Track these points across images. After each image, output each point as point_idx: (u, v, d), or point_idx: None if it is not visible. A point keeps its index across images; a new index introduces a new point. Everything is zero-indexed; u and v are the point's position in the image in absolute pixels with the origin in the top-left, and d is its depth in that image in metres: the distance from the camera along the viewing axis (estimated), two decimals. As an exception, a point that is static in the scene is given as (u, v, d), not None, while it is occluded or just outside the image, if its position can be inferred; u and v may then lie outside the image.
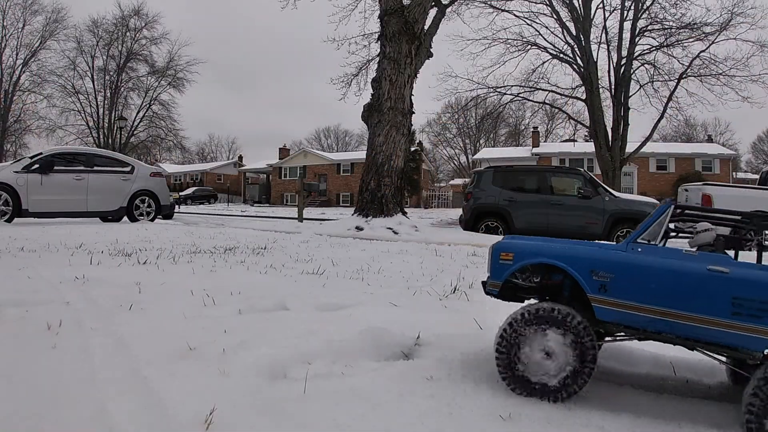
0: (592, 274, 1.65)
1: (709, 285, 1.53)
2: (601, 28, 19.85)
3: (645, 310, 1.59)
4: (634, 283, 1.61)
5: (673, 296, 1.56)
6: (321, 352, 2.01)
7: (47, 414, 1.37)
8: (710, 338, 1.54)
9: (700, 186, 9.31)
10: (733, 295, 1.50)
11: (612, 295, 1.63)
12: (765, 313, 1.46)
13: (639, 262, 1.63)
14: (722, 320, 1.51)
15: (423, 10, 10.69)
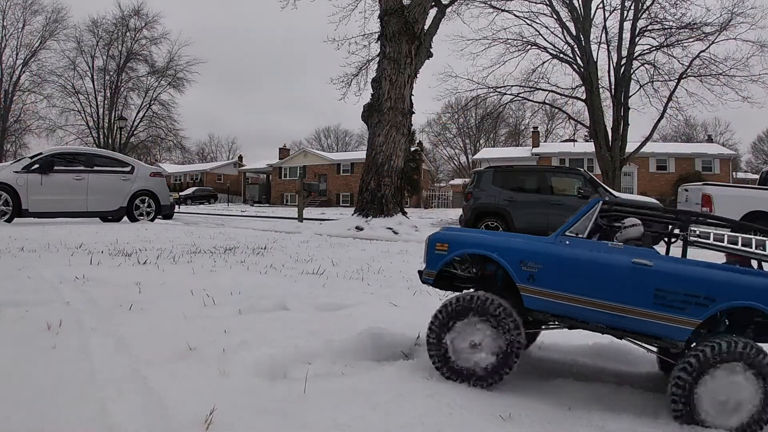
0: (521, 264, 1.73)
1: (632, 277, 1.59)
2: (601, 28, 19.85)
3: (570, 300, 1.65)
4: (560, 273, 1.67)
5: (598, 287, 1.62)
6: (321, 352, 2.01)
7: (47, 414, 1.37)
8: (634, 327, 1.61)
9: (700, 186, 9.31)
10: (656, 287, 1.57)
11: (539, 284, 1.70)
12: (686, 305, 1.53)
13: (565, 254, 1.70)
14: (645, 310, 1.57)
15: (423, 10, 10.69)
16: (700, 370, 1.48)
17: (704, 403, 1.48)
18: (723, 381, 1.46)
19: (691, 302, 1.54)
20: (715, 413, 1.47)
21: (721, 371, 1.46)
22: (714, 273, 1.58)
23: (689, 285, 1.55)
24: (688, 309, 1.54)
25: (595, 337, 2.35)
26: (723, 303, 1.53)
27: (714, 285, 1.54)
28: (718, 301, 1.53)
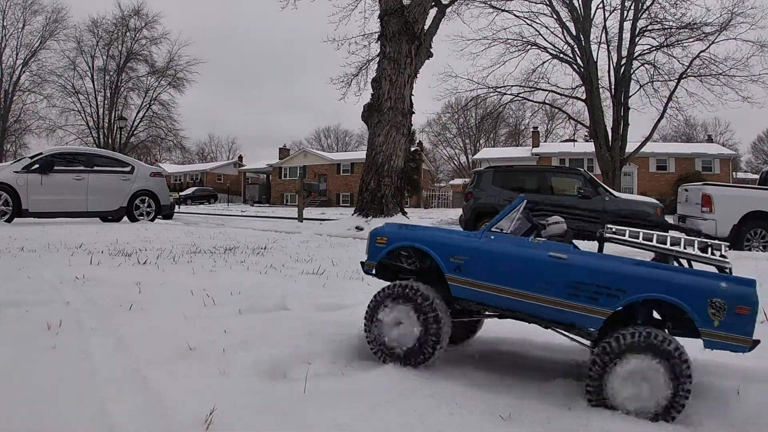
0: (450, 257, 1.86)
1: (548, 269, 1.70)
2: (601, 28, 19.85)
3: (493, 289, 1.78)
4: (484, 265, 1.80)
5: (517, 278, 1.74)
6: (321, 352, 2.01)
7: (47, 414, 1.37)
8: (552, 316, 1.72)
9: (700, 186, 9.30)
10: (570, 279, 1.67)
11: (465, 275, 1.82)
12: (598, 296, 1.63)
13: (489, 247, 1.83)
14: (560, 300, 1.68)
15: (423, 10, 10.69)
16: (609, 359, 1.57)
17: (614, 389, 1.56)
18: (630, 368, 1.53)
19: (602, 293, 1.63)
20: (624, 399, 1.55)
21: (628, 359, 1.54)
22: (625, 267, 1.66)
23: (600, 278, 1.64)
24: (600, 300, 1.63)
25: (595, 337, 2.35)
26: (633, 295, 1.61)
27: (624, 278, 1.62)
28: (628, 293, 1.61)
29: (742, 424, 1.61)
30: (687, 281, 1.60)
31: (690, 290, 1.58)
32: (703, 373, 1.95)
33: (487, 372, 1.98)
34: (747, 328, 1.54)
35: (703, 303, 1.55)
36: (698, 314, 1.55)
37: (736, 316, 1.53)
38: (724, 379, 1.89)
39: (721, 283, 1.58)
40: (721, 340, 1.55)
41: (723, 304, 1.54)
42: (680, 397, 1.51)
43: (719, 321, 1.54)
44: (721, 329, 1.55)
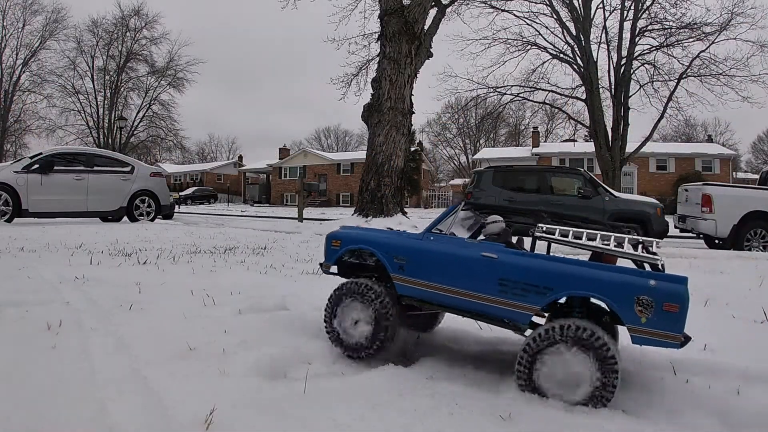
0: (394, 257, 1.98)
1: (480, 268, 1.79)
2: (601, 28, 19.86)
3: (432, 287, 1.89)
4: (423, 264, 1.91)
5: (453, 276, 1.84)
6: (321, 352, 2.01)
7: (47, 414, 1.37)
8: (486, 312, 1.80)
9: (700, 186, 9.30)
10: (500, 277, 1.75)
11: (407, 274, 1.94)
12: (526, 293, 1.70)
13: (427, 248, 1.93)
14: (492, 297, 1.76)
15: (423, 10, 10.69)
16: (537, 349, 1.64)
17: (542, 377, 1.64)
18: (557, 359, 1.61)
19: (530, 291, 1.71)
20: (551, 386, 1.62)
21: (555, 350, 1.61)
22: (553, 266, 1.72)
23: (529, 276, 1.71)
24: (528, 297, 1.71)
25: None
26: (560, 292, 1.68)
27: (551, 276, 1.69)
28: (555, 291, 1.68)
29: (743, 424, 1.61)
30: (614, 279, 1.63)
31: (616, 288, 1.61)
32: (702, 373, 1.95)
33: (487, 372, 1.98)
34: (676, 325, 1.56)
35: (630, 300, 1.58)
36: (624, 311, 1.59)
37: (663, 313, 1.55)
38: (724, 379, 1.89)
39: (650, 281, 1.60)
40: (649, 336, 1.58)
41: (650, 302, 1.56)
42: (605, 388, 1.57)
43: (646, 318, 1.57)
44: (649, 326, 1.57)
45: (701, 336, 2.34)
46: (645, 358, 2.12)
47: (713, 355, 2.13)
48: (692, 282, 4.09)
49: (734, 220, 8.56)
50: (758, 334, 2.49)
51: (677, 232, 10.40)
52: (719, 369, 1.99)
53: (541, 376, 1.64)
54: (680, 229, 10.07)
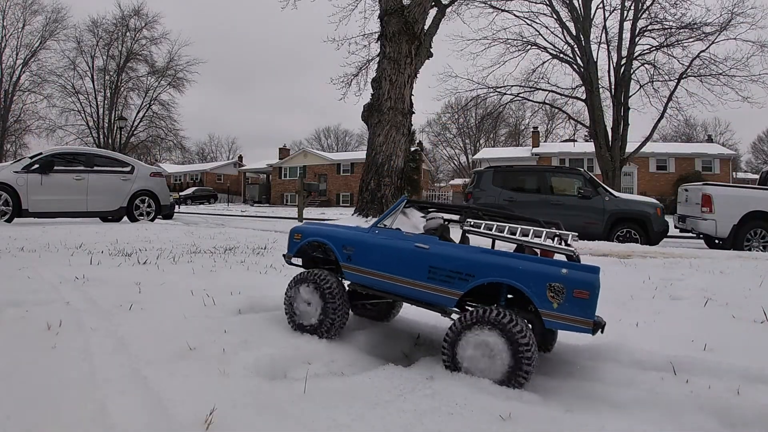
0: (343, 248, 2.19)
1: (414, 257, 1.97)
2: (601, 28, 19.87)
3: (372, 274, 2.08)
4: (366, 254, 2.11)
5: (391, 265, 2.03)
6: (321, 352, 2.01)
7: (47, 414, 1.37)
8: (419, 297, 1.97)
9: (700, 186, 9.30)
10: (430, 265, 1.92)
11: (354, 263, 2.15)
12: (451, 279, 1.87)
13: (371, 240, 2.14)
14: (423, 283, 1.94)
15: (423, 10, 10.69)
16: (460, 330, 1.79)
17: (463, 356, 1.78)
18: (476, 340, 1.75)
19: (454, 277, 1.87)
20: (470, 365, 1.77)
21: (475, 332, 1.76)
22: (475, 255, 1.89)
23: (454, 264, 1.88)
24: (453, 283, 1.88)
25: (594, 338, 2.35)
26: (480, 279, 1.84)
27: (473, 264, 1.85)
28: (476, 277, 1.84)
29: (743, 424, 1.61)
30: (529, 267, 1.77)
31: (530, 275, 1.74)
32: (702, 373, 1.95)
33: (487, 372, 1.98)
34: (586, 310, 1.67)
35: (542, 287, 1.71)
36: (537, 297, 1.72)
37: (574, 299, 1.67)
38: (724, 379, 1.89)
39: (562, 269, 1.72)
40: (561, 321, 1.70)
41: (562, 288, 1.68)
42: (520, 370, 1.70)
43: (558, 303, 1.68)
44: (560, 311, 1.69)
45: (701, 336, 2.34)
46: (645, 359, 2.12)
47: (713, 355, 2.13)
48: (692, 282, 4.09)
49: (734, 220, 8.56)
50: (758, 334, 2.49)
51: (677, 232, 10.40)
52: (719, 369, 1.99)
53: (462, 356, 1.78)
54: (680, 229, 10.07)
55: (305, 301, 2.18)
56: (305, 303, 2.18)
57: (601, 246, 7.81)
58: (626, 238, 9.21)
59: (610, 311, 2.94)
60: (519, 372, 1.70)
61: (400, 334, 2.37)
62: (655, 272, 4.55)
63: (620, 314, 2.84)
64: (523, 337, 1.69)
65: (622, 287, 3.71)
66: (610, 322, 2.68)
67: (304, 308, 2.19)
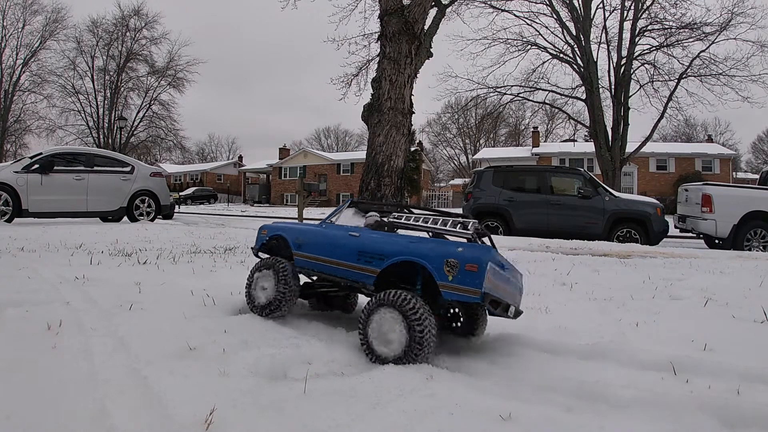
0: (296, 239, 2.53)
1: (347, 243, 2.30)
2: (601, 28, 19.88)
3: (316, 259, 2.41)
4: (312, 243, 2.45)
5: (330, 250, 2.36)
6: (321, 352, 2.01)
7: (47, 414, 1.37)
8: (350, 276, 2.26)
9: (700, 186, 9.30)
10: (359, 249, 2.23)
11: (302, 250, 2.48)
12: (372, 260, 2.17)
13: (318, 231, 2.49)
14: (354, 264, 2.24)
15: (423, 10, 10.69)
16: (371, 311, 2.02)
17: (373, 334, 1.98)
18: (381, 318, 1.98)
19: (374, 258, 2.17)
20: (376, 342, 1.98)
21: (383, 311, 1.98)
22: (390, 239, 2.21)
23: (375, 247, 2.19)
24: (373, 263, 2.17)
25: (595, 338, 2.35)
26: (392, 258, 2.11)
27: (386, 247, 2.16)
28: (389, 257, 2.12)
29: (743, 424, 1.61)
30: (431, 247, 2.04)
31: (432, 254, 2.01)
32: (702, 373, 1.95)
33: (488, 372, 1.98)
34: (475, 281, 1.89)
35: (441, 262, 1.97)
36: (437, 271, 1.97)
37: (466, 272, 1.91)
38: (724, 379, 1.89)
39: (458, 248, 1.97)
40: (455, 291, 1.93)
41: (456, 263, 1.93)
42: (412, 347, 1.91)
43: (452, 276, 1.93)
44: (454, 282, 1.93)
45: (701, 336, 2.34)
46: (645, 358, 2.12)
47: (713, 355, 2.13)
48: (692, 282, 4.09)
49: (734, 220, 8.57)
50: (758, 334, 2.49)
51: (677, 232, 10.40)
52: (719, 369, 1.99)
53: (371, 333, 2.00)
54: (680, 229, 10.07)
55: (261, 284, 2.49)
56: (261, 287, 2.49)
57: (601, 246, 7.81)
58: (626, 238, 9.21)
59: (611, 311, 2.94)
60: (412, 349, 1.91)
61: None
62: (655, 272, 4.55)
63: (620, 314, 2.84)
64: (414, 314, 1.92)
65: (622, 287, 3.71)
66: (610, 322, 2.69)
67: (259, 290, 2.50)
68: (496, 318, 2.66)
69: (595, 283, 3.91)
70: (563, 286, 3.76)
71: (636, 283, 3.91)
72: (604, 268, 4.83)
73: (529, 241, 8.07)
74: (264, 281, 2.47)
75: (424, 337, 1.90)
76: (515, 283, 2.20)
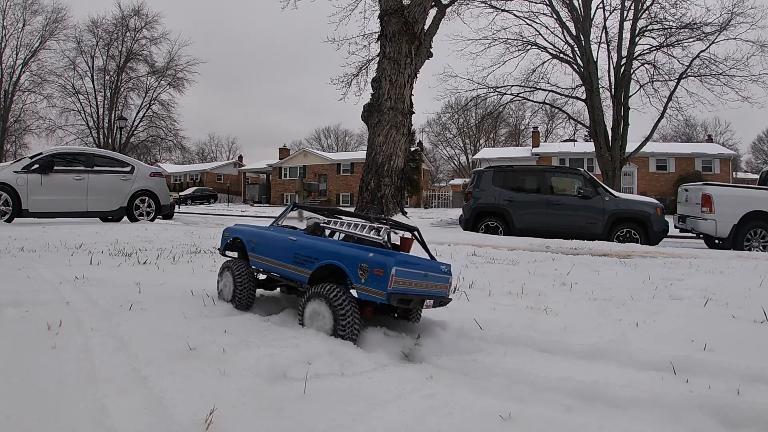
0: (249, 241, 2.78)
1: (287, 247, 2.51)
2: (601, 28, 19.88)
3: (264, 260, 2.66)
4: (262, 245, 2.69)
5: (274, 252, 2.59)
6: (321, 352, 2.01)
7: (47, 414, 1.37)
8: (290, 276, 2.49)
9: (700, 186, 9.30)
10: (295, 252, 2.45)
11: (254, 252, 2.72)
12: (306, 262, 2.38)
13: (266, 234, 2.72)
14: (291, 266, 2.46)
15: (423, 10, 10.70)
16: (307, 300, 2.28)
17: (307, 318, 2.27)
18: (315, 306, 2.25)
19: (307, 261, 2.38)
20: (310, 323, 2.26)
21: (314, 301, 2.25)
22: (320, 244, 2.40)
23: (308, 251, 2.40)
24: (307, 264, 2.38)
25: (594, 338, 2.35)
26: (320, 261, 2.32)
27: (317, 251, 2.36)
28: (319, 260, 2.33)
29: (743, 424, 1.61)
30: (350, 252, 2.23)
31: (350, 258, 2.21)
32: (702, 373, 1.95)
33: (488, 372, 1.98)
34: (381, 284, 2.09)
35: (355, 266, 2.17)
36: (352, 274, 2.18)
37: (374, 276, 2.11)
38: (724, 379, 1.89)
39: (370, 254, 2.16)
40: (366, 292, 2.14)
41: (368, 267, 2.13)
42: (336, 327, 2.16)
43: (365, 279, 2.13)
44: (365, 284, 2.13)
45: (701, 336, 2.34)
46: (645, 358, 2.12)
47: (713, 355, 2.13)
48: (692, 282, 4.09)
49: (734, 220, 8.57)
50: (758, 334, 2.49)
51: (677, 232, 10.40)
52: (719, 369, 1.99)
53: (307, 316, 2.28)
54: (680, 229, 10.08)
55: (225, 281, 2.78)
56: (224, 283, 2.78)
57: (601, 246, 7.81)
58: (626, 238, 9.21)
59: (611, 311, 2.94)
60: (338, 326, 2.16)
61: (400, 334, 2.37)
62: (655, 272, 4.55)
63: (620, 314, 2.84)
64: (337, 301, 2.17)
65: (622, 287, 3.71)
66: (610, 322, 2.69)
67: (224, 286, 2.78)
68: (497, 318, 2.66)
69: (595, 283, 3.92)
70: (563, 286, 3.77)
71: (636, 283, 3.91)
72: (604, 268, 4.83)
73: (529, 241, 8.07)
74: (226, 279, 2.76)
75: (346, 320, 2.16)
76: (436, 276, 2.34)
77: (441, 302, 2.36)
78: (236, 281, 2.68)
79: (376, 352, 2.12)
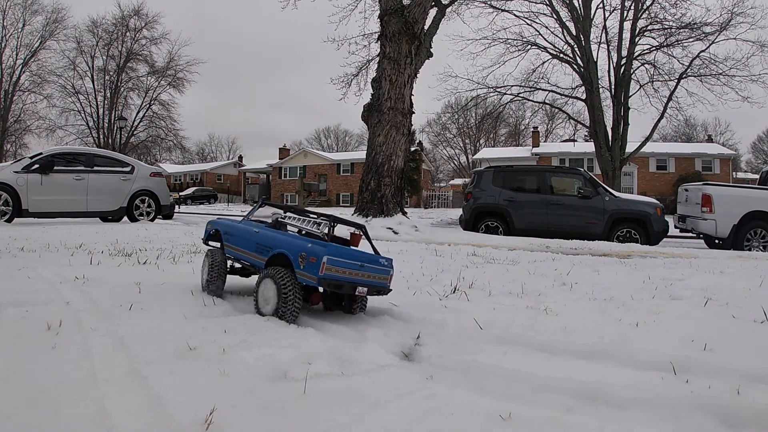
0: (225, 233, 3.10)
1: (253, 238, 2.80)
2: (601, 28, 19.88)
3: (235, 249, 2.96)
4: (234, 236, 3.01)
5: (242, 242, 2.90)
6: (321, 352, 2.01)
7: (47, 414, 1.37)
8: (252, 262, 2.79)
9: (700, 186, 9.30)
10: (256, 242, 2.75)
11: (228, 242, 3.05)
12: (263, 251, 2.66)
13: (237, 226, 3.05)
14: (255, 254, 2.74)
15: (423, 10, 10.70)
16: (258, 282, 2.53)
17: (260, 300, 2.50)
18: (265, 288, 2.48)
19: (265, 250, 2.66)
20: (263, 305, 2.49)
21: (265, 283, 2.49)
22: (274, 236, 2.68)
23: (265, 241, 2.69)
24: (264, 252, 2.66)
25: (594, 338, 2.35)
26: (274, 250, 2.59)
27: (272, 242, 2.64)
28: (272, 249, 2.60)
29: (743, 424, 1.61)
30: (294, 243, 2.51)
31: (294, 248, 2.48)
32: (702, 373, 1.95)
33: (488, 372, 1.98)
34: (314, 270, 2.35)
35: (297, 254, 2.44)
36: (295, 261, 2.45)
37: (310, 263, 2.38)
38: (724, 379, 1.89)
39: (308, 244, 2.43)
40: (303, 276, 2.39)
41: (306, 256, 2.40)
42: (279, 307, 2.40)
43: (304, 265, 2.40)
44: (303, 270, 2.40)
45: (701, 336, 2.34)
46: (645, 358, 2.12)
47: (713, 355, 2.13)
48: (692, 282, 4.09)
49: (734, 220, 8.57)
50: (758, 334, 2.49)
51: (677, 232, 10.40)
52: (719, 369, 1.99)
53: (259, 298, 2.51)
54: (680, 229, 10.08)
55: (205, 269, 3.03)
56: (204, 270, 3.04)
57: (601, 246, 7.81)
58: (626, 238, 9.21)
59: (611, 311, 2.94)
60: (280, 308, 2.39)
61: (400, 334, 2.37)
62: (655, 272, 4.55)
63: (620, 314, 2.84)
64: (282, 282, 2.40)
65: (622, 287, 3.71)
66: (610, 322, 2.69)
67: (205, 272, 3.03)
68: (497, 318, 2.66)
69: (595, 283, 3.91)
70: (563, 286, 3.77)
71: (636, 283, 3.91)
72: (604, 268, 4.83)
73: (529, 241, 8.07)
74: (204, 266, 3.07)
75: (288, 299, 2.40)
76: (374, 267, 2.55)
77: (379, 291, 2.58)
78: (213, 268, 2.98)
79: (376, 353, 2.12)
